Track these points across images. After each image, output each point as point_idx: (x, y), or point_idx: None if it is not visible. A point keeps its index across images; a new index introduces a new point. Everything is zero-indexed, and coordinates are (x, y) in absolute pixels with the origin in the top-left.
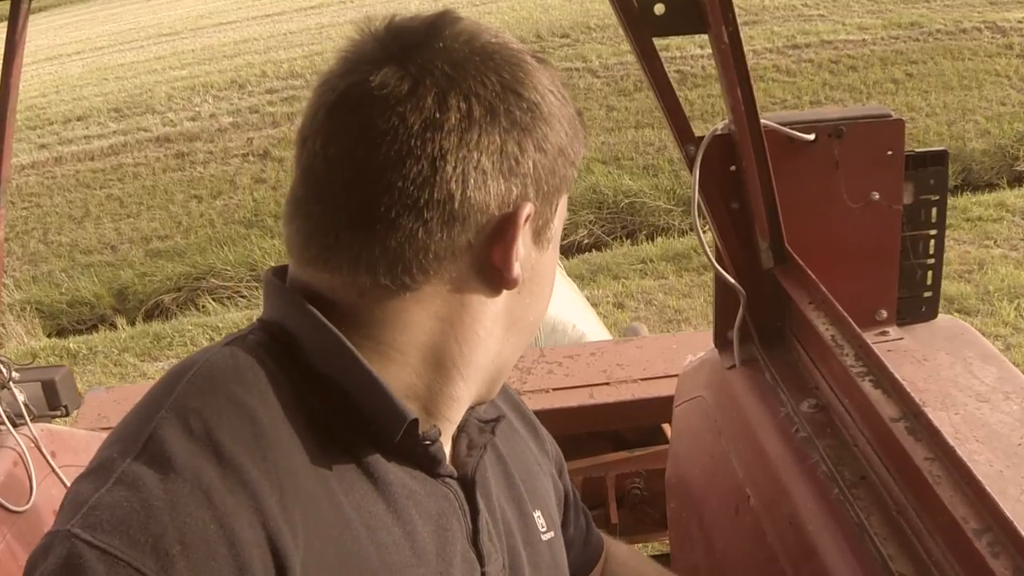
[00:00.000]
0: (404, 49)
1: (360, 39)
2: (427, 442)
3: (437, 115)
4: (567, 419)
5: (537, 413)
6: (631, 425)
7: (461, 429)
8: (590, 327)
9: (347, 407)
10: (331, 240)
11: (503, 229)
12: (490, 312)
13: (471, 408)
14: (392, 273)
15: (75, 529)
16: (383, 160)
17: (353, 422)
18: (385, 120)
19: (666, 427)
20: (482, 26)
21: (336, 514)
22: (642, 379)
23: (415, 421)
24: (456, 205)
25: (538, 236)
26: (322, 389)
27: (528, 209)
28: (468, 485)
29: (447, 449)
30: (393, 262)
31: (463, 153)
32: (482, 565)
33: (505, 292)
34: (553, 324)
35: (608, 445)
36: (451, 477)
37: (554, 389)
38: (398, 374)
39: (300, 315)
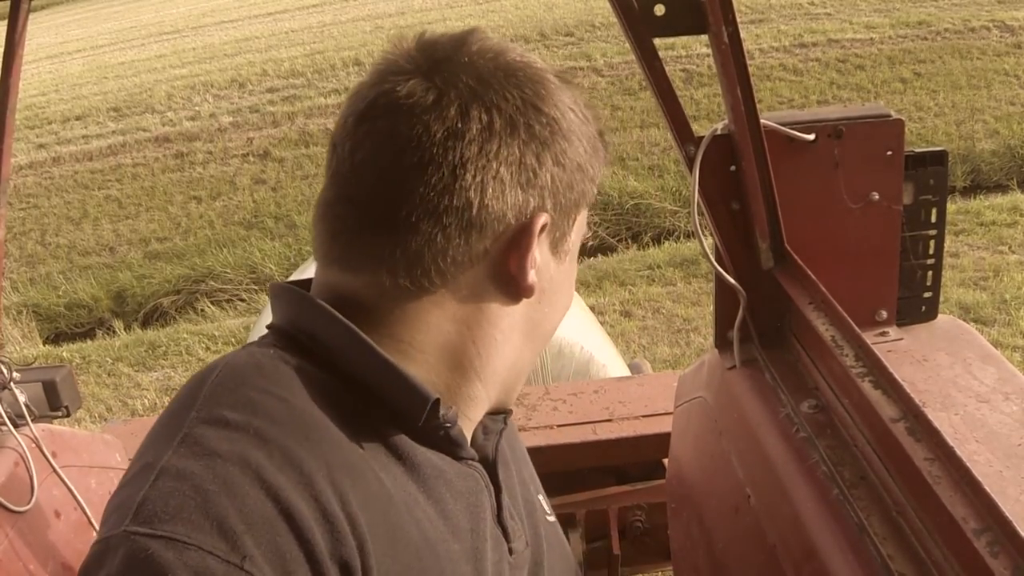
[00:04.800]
0: (431, 62)
1: (392, 53)
2: (448, 424)
3: (459, 125)
4: (571, 454)
5: (542, 448)
6: (633, 460)
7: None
8: (598, 348)
9: (370, 397)
10: (354, 241)
11: (519, 238)
12: (507, 318)
13: (489, 414)
14: (411, 275)
15: (130, 527)
16: (406, 166)
17: (377, 411)
18: (409, 128)
19: (666, 462)
20: (509, 45)
21: (380, 489)
22: (643, 416)
23: (437, 401)
24: (474, 212)
25: (555, 248)
26: (343, 381)
27: (544, 220)
28: (490, 466)
29: (467, 435)
30: (412, 264)
31: (482, 163)
32: (508, 541)
33: (524, 300)
34: (560, 346)
35: (610, 479)
36: (473, 459)
37: (558, 425)
38: (417, 371)
39: (314, 313)
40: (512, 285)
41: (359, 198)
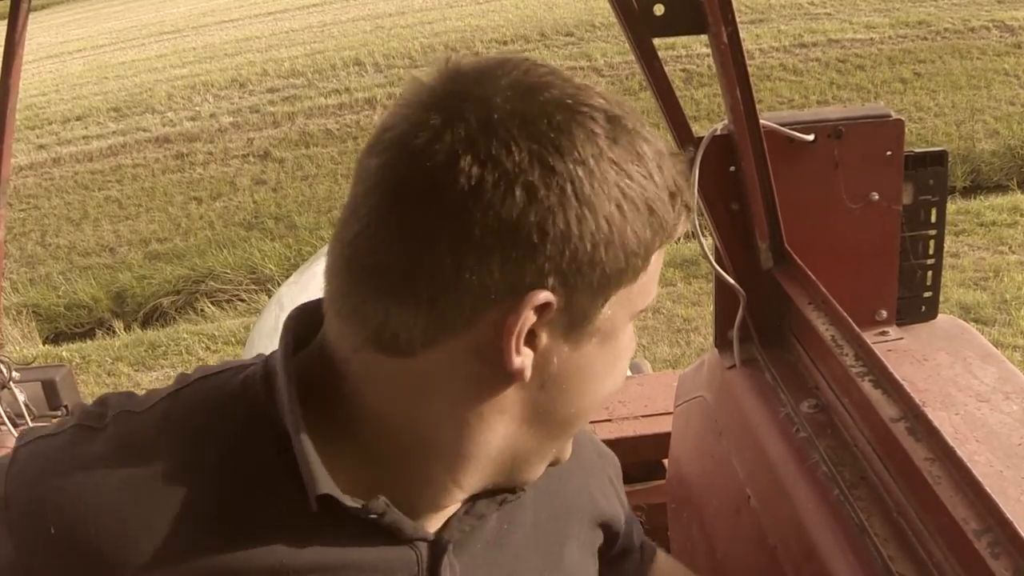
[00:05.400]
0: (443, 95)
1: (420, 79)
2: (372, 515)
3: (442, 177)
4: None
5: None
6: (632, 460)
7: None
8: None
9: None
10: (339, 286)
11: (503, 318)
12: (491, 400)
13: (491, 493)
14: (379, 337)
15: (17, 454)
16: (384, 216)
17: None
18: (395, 173)
19: (666, 462)
20: (555, 81)
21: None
22: (643, 416)
23: (327, 496)
24: (447, 282)
25: (571, 330)
26: (282, 440)
27: (543, 298)
28: (438, 550)
29: (448, 511)
30: (381, 325)
31: (463, 228)
32: None
33: (518, 383)
34: None
35: None
36: (422, 540)
37: None
38: (355, 445)
39: (278, 358)
40: (497, 367)
41: (347, 238)
